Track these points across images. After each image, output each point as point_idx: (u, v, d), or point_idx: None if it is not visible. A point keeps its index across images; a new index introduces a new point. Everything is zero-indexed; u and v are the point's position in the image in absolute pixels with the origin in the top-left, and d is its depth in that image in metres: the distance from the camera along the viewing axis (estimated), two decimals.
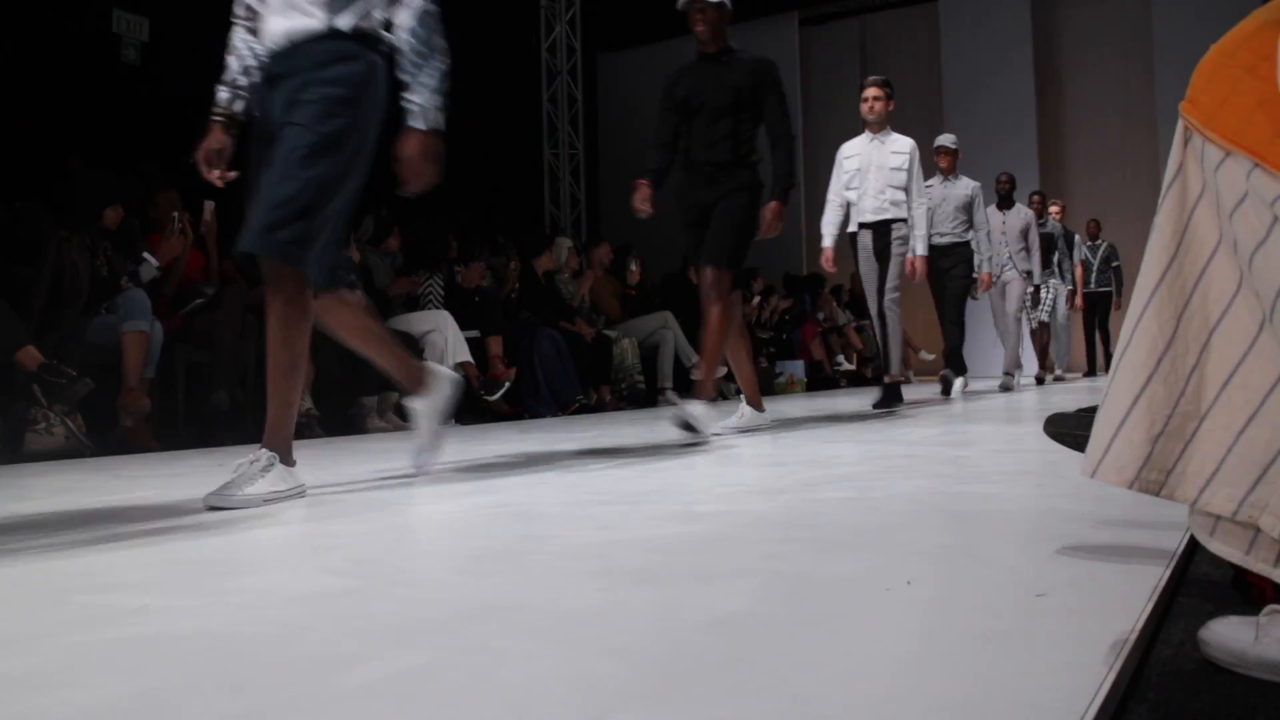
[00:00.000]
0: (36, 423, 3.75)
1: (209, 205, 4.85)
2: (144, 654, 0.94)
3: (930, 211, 6.03)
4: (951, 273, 6.40)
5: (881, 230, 5.30)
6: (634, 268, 7.64)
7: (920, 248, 5.53)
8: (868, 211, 5.30)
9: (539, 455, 3.05)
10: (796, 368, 8.82)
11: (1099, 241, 10.12)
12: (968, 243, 6.45)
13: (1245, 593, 1.05)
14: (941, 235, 6.38)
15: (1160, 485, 0.97)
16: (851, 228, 5.42)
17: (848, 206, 5.63)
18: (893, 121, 5.62)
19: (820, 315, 9.97)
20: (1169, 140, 1.02)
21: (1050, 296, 8.65)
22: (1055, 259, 8.75)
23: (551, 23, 10.98)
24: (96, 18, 6.54)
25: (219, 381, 4.43)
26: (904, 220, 5.34)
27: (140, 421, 4.06)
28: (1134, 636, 0.86)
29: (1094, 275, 10.05)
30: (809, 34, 12.26)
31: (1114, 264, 10.01)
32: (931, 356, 10.16)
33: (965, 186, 6.48)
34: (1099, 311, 10.10)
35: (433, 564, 1.35)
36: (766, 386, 7.47)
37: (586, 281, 7.06)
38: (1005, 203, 7.60)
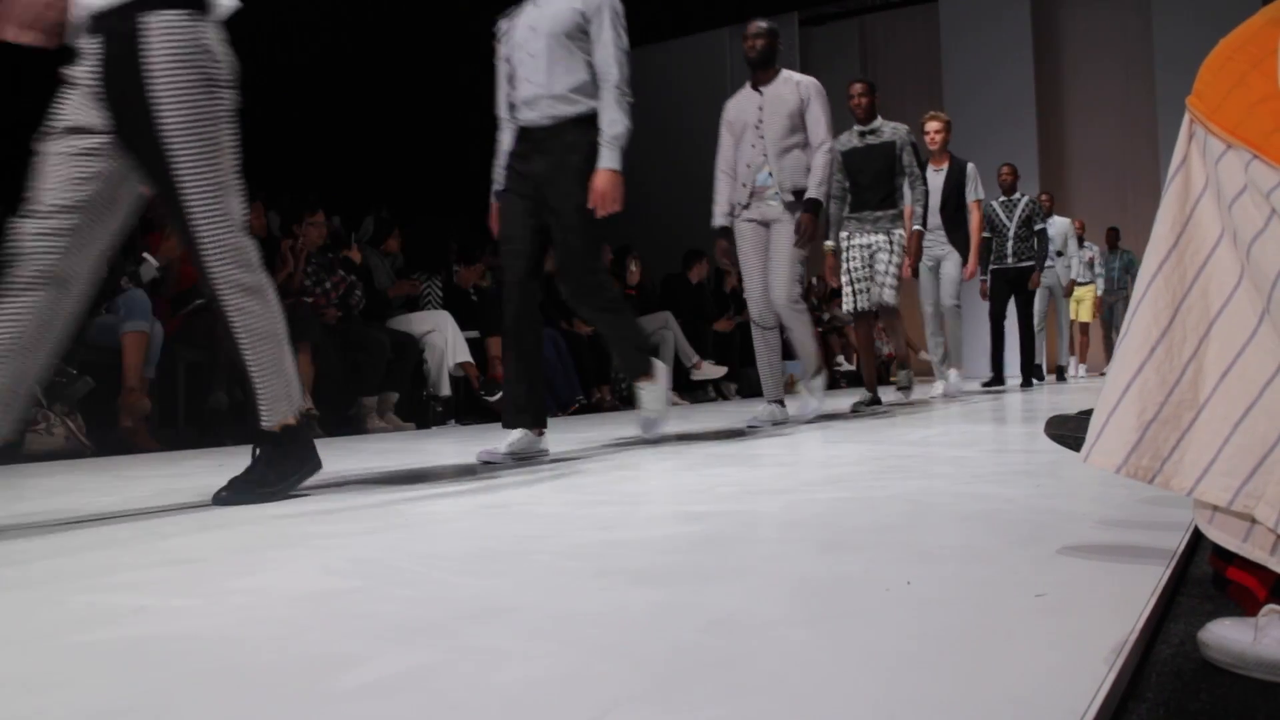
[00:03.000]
0: (36, 423, 3.75)
1: None
2: (143, 654, 0.94)
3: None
4: (553, 200, 3.04)
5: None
6: (634, 268, 7.65)
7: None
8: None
9: (539, 455, 3.04)
10: (796, 368, 8.81)
11: (1018, 196, 7.14)
12: (582, 120, 3.03)
13: (1223, 589, 1.06)
14: (531, 102, 3.05)
15: (1154, 473, 0.98)
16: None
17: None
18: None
19: (825, 316, 9.97)
20: (1169, 140, 1.03)
21: (889, 258, 4.92)
22: (903, 188, 4.98)
23: None
24: None
25: (219, 382, 4.43)
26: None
27: (140, 421, 4.06)
28: (1134, 636, 0.86)
29: (1010, 244, 7.03)
30: (809, 34, 12.27)
31: (1037, 228, 7.09)
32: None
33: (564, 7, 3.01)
34: (1018, 295, 7.14)
35: (433, 564, 1.35)
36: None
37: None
38: (762, 72, 4.12)
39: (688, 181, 4.28)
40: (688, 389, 7.33)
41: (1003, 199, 7.17)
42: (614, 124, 2.99)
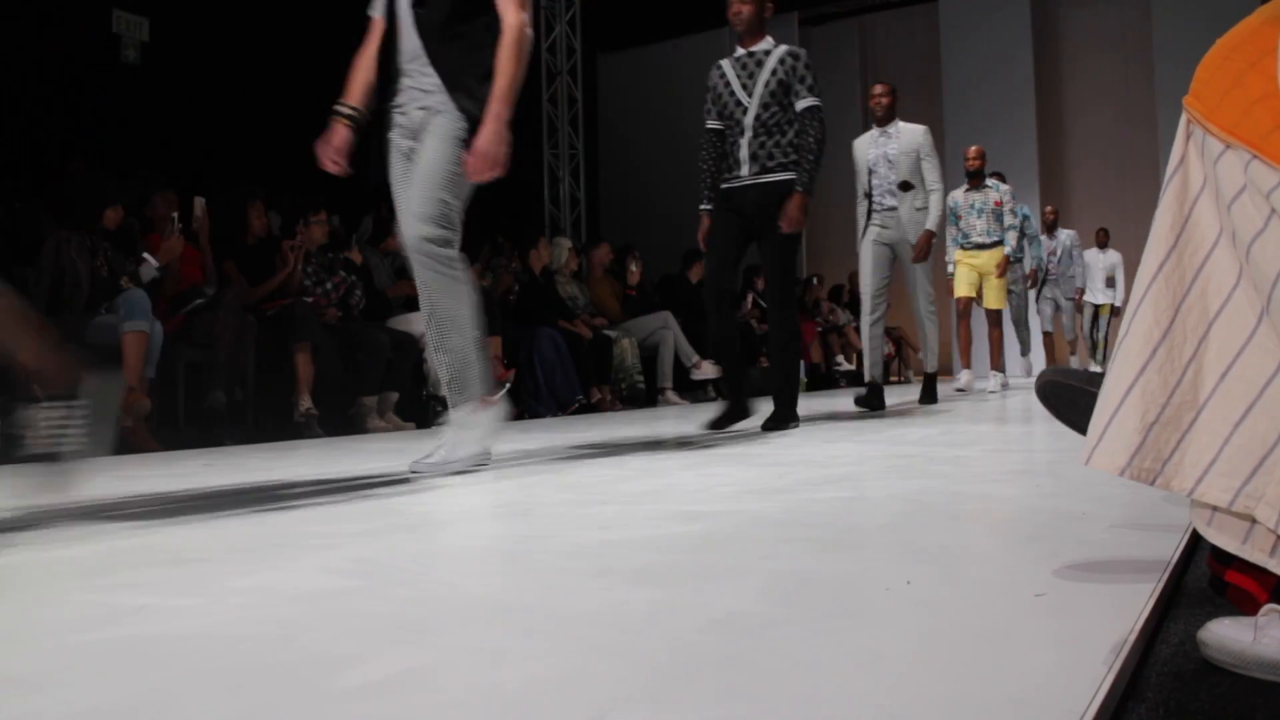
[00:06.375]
0: None
1: (199, 202, 4.84)
2: (144, 654, 0.94)
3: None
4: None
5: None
6: (634, 268, 7.65)
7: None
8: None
9: (539, 455, 3.05)
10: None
11: (763, 48, 3.68)
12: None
13: (1222, 592, 1.06)
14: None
15: (1155, 474, 0.97)
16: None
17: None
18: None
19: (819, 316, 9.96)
20: (1169, 140, 1.03)
21: None
22: None
23: (551, 23, 10.98)
24: (96, 18, 6.54)
25: (218, 381, 4.43)
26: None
27: (140, 421, 4.06)
28: (1133, 636, 0.87)
29: (746, 141, 3.65)
30: (809, 34, 12.27)
31: (802, 105, 3.65)
32: None
33: None
34: (763, 242, 3.69)
35: (433, 564, 1.35)
36: (766, 386, 7.00)
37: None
38: None
39: (688, 181, 4.25)
40: (688, 389, 7.33)
41: (740, 53, 3.76)
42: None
